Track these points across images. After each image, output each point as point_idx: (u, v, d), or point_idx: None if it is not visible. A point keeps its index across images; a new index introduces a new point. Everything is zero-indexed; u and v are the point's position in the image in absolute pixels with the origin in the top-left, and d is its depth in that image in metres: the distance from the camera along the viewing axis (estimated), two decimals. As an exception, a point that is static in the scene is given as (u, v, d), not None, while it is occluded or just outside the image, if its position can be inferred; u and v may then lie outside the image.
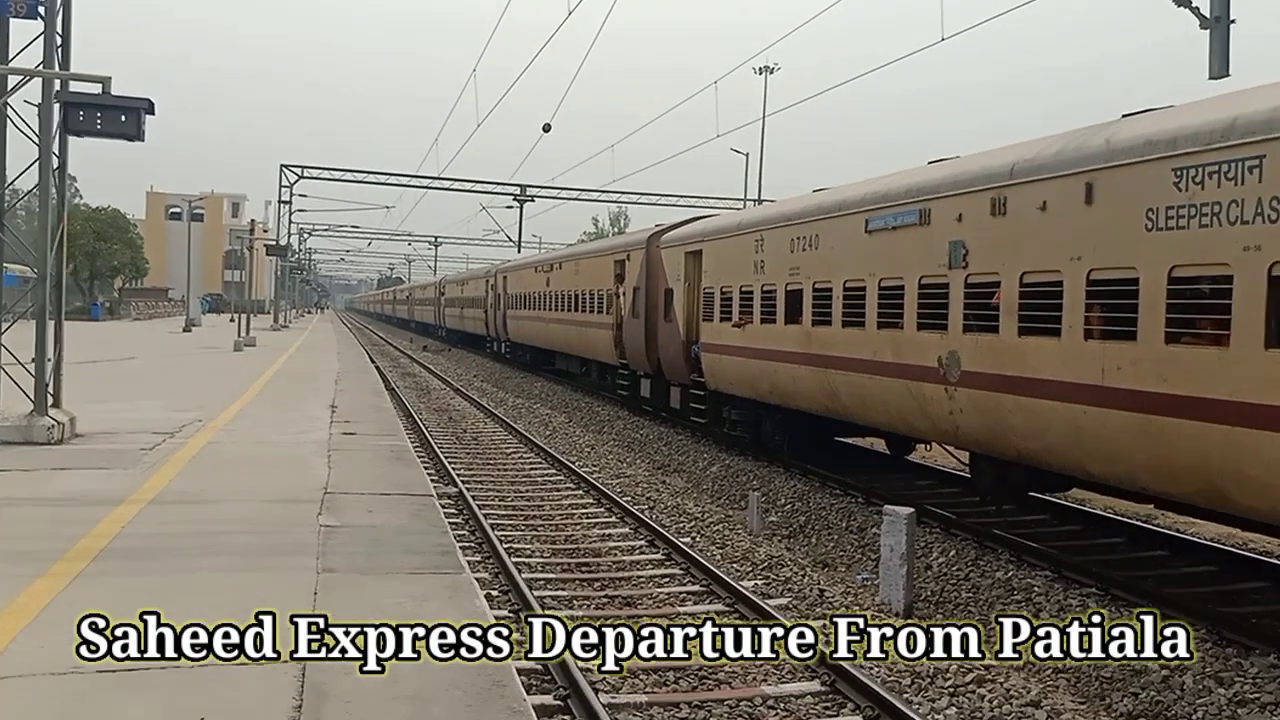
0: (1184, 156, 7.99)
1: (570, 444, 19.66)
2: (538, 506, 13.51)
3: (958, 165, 11.41)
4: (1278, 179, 7.19)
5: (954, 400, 10.86)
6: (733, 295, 16.80)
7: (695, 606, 9.12)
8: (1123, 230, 8.60)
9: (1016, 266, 9.96)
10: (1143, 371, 8.33)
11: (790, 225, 14.93)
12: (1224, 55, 13.48)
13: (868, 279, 12.57)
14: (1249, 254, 7.37)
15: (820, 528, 12.80)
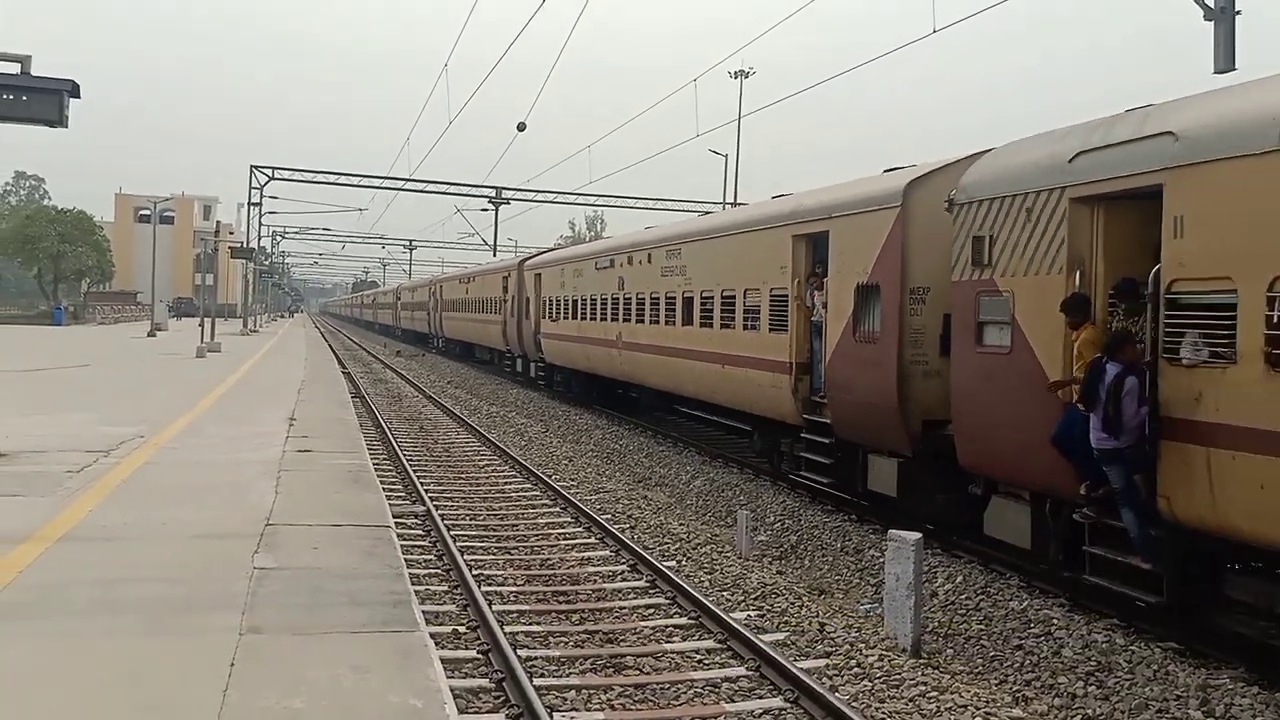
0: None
1: (547, 455, 18.74)
2: (512, 526, 12.63)
3: (641, 235, 22.61)
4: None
5: (620, 356, 21.66)
6: (554, 301, 27.89)
7: (684, 643, 8.25)
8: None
9: (644, 289, 20.46)
10: (674, 338, 18.77)
11: (572, 263, 26.86)
12: (1229, 48, 13.10)
13: (595, 295, 23.94)
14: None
15: (814, 548, 11.98)
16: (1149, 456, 7.95)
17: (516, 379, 33.31)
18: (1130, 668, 7.71)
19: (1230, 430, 7.20)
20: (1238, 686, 7.17)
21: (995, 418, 9.77)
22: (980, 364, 10.02)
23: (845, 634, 8.56)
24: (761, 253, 14.98)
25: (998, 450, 9.84)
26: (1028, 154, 9.70)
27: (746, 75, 50.75)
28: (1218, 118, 7.61)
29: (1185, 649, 7.86)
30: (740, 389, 15.76)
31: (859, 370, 12.31)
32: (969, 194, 10.20)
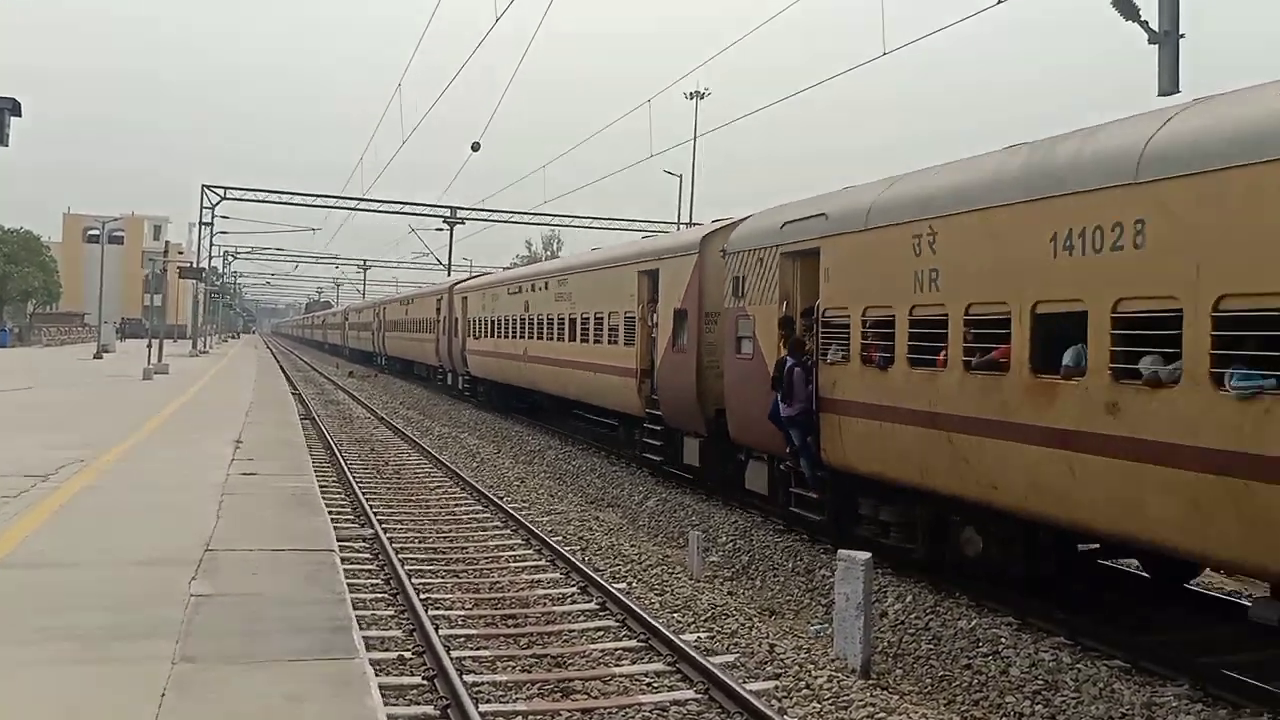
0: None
1: (499, 477, 18.60)
2: (462, 549, 12.45)
3: (541, 267, 28.80)
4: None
5: (526, 368, 25.54)
6: (478, 321, 31.70)
7: (634, 666, 8.11)
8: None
9: (543, 311, 24.42)
10: (563, 351, 22.20)
11: (491, 289, 30.92)
12: (1174, 71, 13.26)
13: (508, 316, 27.88)
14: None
15: (765, 568, 11.97)
16: (815, 423, 11.56)
17: (469, 400, 33.84)
18: (1077, 686, 7.70)
19: (849, 404, 11.07)
20: (1181, 704, 7.19)
21: (747, 405, 13.30)
22: (739, 367, 13.67)
23: (795, 655, 8.47)
24: (618, 284, 19.09)
25: (749, 428, 13.39)
26: (762, 221, 13.76)
27: (701, 96, 50.82)
28: (841, 206, 11.62)
29: (1131, 666, 7.92)
30: (607, 391, 19.68)
31: (675, 373, 16.16)
32: (733, 246, 14.17)
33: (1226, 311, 6.79)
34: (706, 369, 15.08)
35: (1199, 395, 6.91)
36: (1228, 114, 7.27)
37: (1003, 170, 9.26)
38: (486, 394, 31.67)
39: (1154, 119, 7.89)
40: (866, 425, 10.72)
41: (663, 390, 16.73)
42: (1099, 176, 7.94)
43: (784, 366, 11.86)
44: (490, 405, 30.85)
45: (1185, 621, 9.10)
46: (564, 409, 25.26)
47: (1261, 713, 6.73)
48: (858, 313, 10.93)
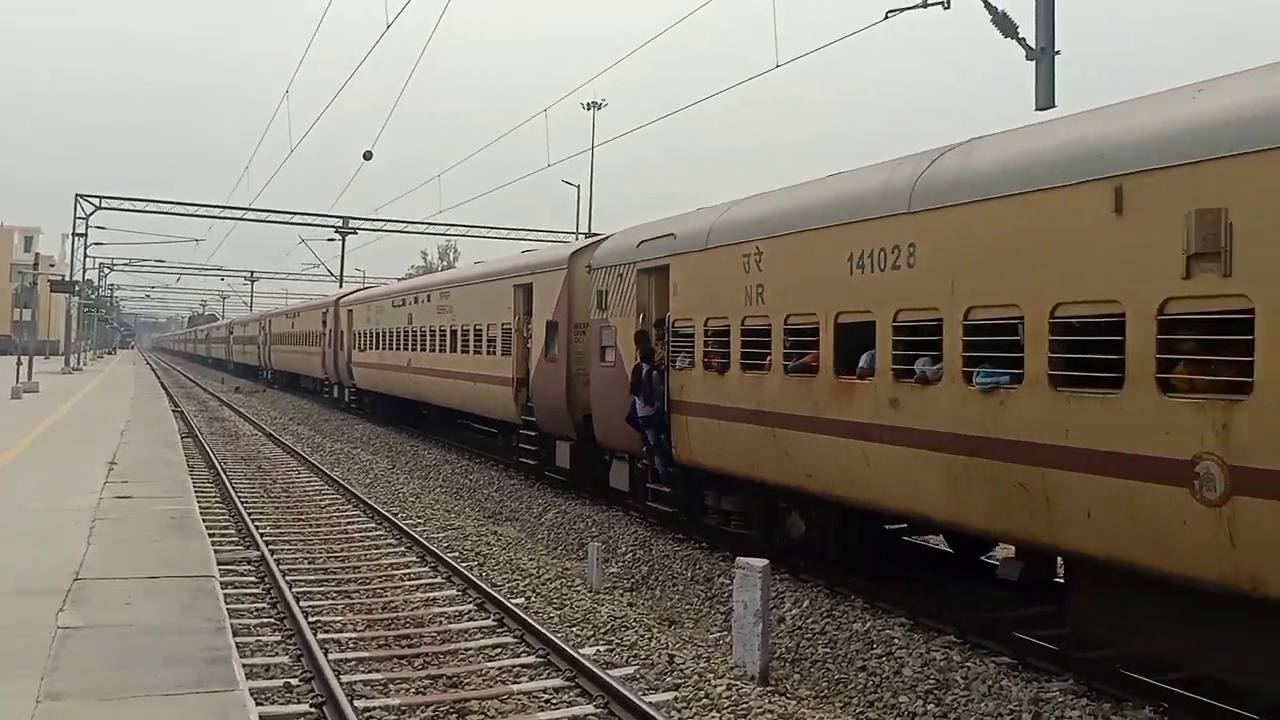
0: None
1: (393, 493, 18.37)
2: (354, 569, 12.20)
3: (424, 280, 31.16)
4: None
5: (411, 379, 26.34)
6: (363, 334, 32.15)
7: (532, 683, 8.05)
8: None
9: (426, 324, 25.16)
10: (446, 362, 23.11)
11: (376, 301, 31.64)
12: (1049, 86, 13.83)
13: (393, 328, 28.59)
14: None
15: (664, 578, 12.07)
16: (667, 423, 12.58)
17: (360, 414, 33.58)
18: (966, 684, 7.86)
19: (694, 406, 12.12)
20: (1067, 699, 7.36)
21: (610, 409, 14.23)
22: (603, 374, 14.61)
23: (695, 664, 8.52)
24: (496, 297, 20.00)
25: (612, 431, 14.34)
26: (621, 240, 14.87)
27: (599, 107, 50.56)
28: (687, 227, 12.72)
29: (1018, 663, 8.12)
30: (486, 400, 20.55)
31: (548, 382, 17.05)
32: (597, 263, 15.22)
33: (974, 320, 8.01)
34: (575, 377, 16.03)
35: (955, 390, 8.12)
36: (976, 157, 8.49)
37: (814, 198, 10.44)
38: (372, 406, 32.05)
39: (926, 158, 9.07)
40: (709, 424, 11.82)
41: (537, 398, 17.69)
42: (883, 206, 9.12)
43: (641, 372, 12.87)
44: (379, 418, 31.01)
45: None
46: (449, 419, 25.94)
47: (1143, 705, 7.03)
48: (700, 323, 12.02)
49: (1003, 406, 7.71)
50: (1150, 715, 6.89)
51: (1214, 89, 6.79)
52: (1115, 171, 6.93)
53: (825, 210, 10.04)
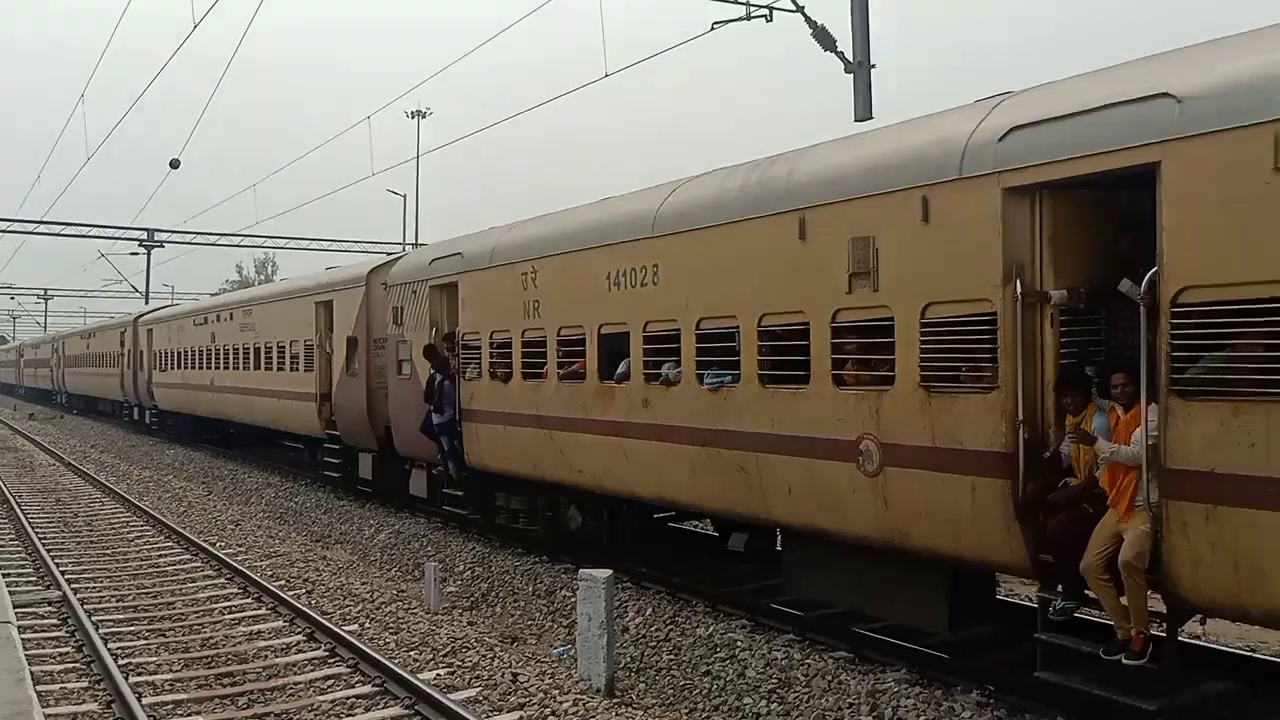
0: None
1: (210, 521, 17.63)
2: (168, 605, 11.50)
3: (227, 297, 31.11)
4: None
5: (215, 398, 26.53)
6: (165, 354, 31.94)
7: (367, 714, 7.76)
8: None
9: (229, 342, 25.19)
10: (250, 380, 23.12)
11: (178, 320, 31.17)
12: (867, 98, 14.58)
13: (195, 347, 28.43)
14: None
15: (505, 594, 11.87)
16: (459, 430, 13.41)
17: (176, 440, 32.11)
18: (807, 681, 8.00)
19: (483, 413, 13.11)
20: (901, 689, 7.57)
21: (408, 420, 14.91)
22: (401, 387, 15.45)
23: (539, 681, 8.37)
24: (298, 314, 20.44)
25: (410, 440, 15.02)
26: (415, 259, 16.07)
27: (424, 115, 49.59)
28: (473, 247, 13.69)
29: (855, 656, 8.36)
30: (291, 416, 20.93)
31: (349, 396, 17.82)
32: (393, 280, 16.04)
33: (704, 330, 9.36)
34: (376, 390, 16.74)
35: (691, 390, 9.45)
36: (701, 189, 9.87)
37: (579, 222, 11.60)
38: (176, 427, 31.86)
39: (668, 188, 10.40)
40: (496, 430, 12.80)
41: (339, 412, 18.32)
42: (634, 231, 10.37)
43: (434, 382, 13.64)
44: (191, 442, 30.52)
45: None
46: (257, 437, 25.87)
47: (971, 689, 7.40)
48: (486, 336, 13.00)
49: (726, 402, 9.06)
50: (977, 698, 7.25)
51: (867, 140, 8.36)
52: (799, 205, 8.35)
53: (588, 234, 11.21)
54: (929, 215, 7.24)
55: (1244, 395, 5.52)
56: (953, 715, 7.08)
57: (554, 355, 11.55)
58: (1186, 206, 5.77)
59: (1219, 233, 5.62)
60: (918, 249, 7.34)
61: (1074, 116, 6.46)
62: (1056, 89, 6.96)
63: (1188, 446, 5.74)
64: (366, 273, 17.62)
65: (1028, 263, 6.73)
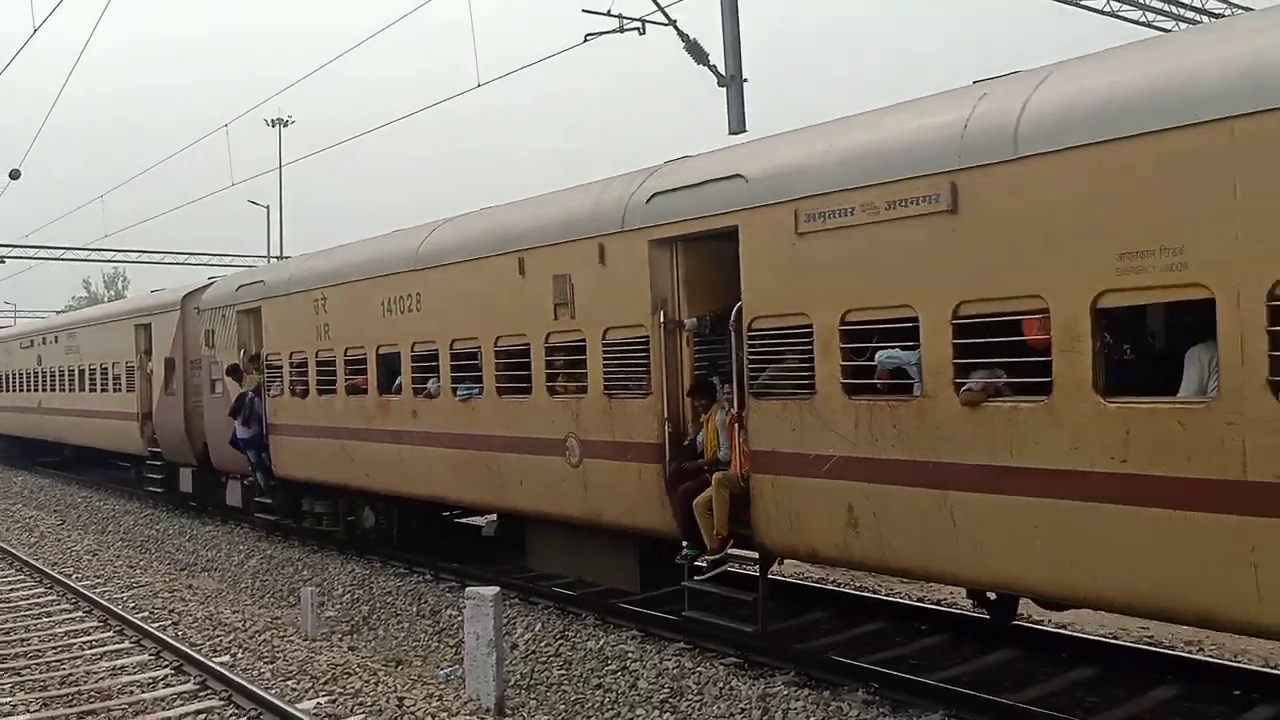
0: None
1: (65, 552, 16.92)
2: (22, 642, 11.00)
3: (51, 322, 31.53)
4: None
5: (44, 420, 27.22)
6: (2, 375, 31.42)
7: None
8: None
9: (55, 364, 26.07)
10: (75, 401, 24.33)
11: (3, 343, 31.55)
12: (740, 111, 14.93)
13: (21, 369, 29.23)
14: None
15: (387, 616, 11.52)
16: (266, 443, 14.83)
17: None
18: (699, 689, 8.02)
19: (286, 426, 14.64)
20: (791, 691, 7.67)
21: (222, 436, 16.05)
22: (215, 405, 16.69)
23: (427, 704, 8.23)
24: (119, 337, 21.51)
25: (224, 454, 16.29)
26: (224, 286, 17.40)
27: (285, 124, 49.14)
28: (274, 275, 15.42)
29: (744, 661, 8.44)
30: (116, 434, 21.95)
31: (168, 414, 18.90)
32: (204, 305, 17.38)
33: (456, 349, 11.06)
34: (193, 409, 17.83)
35: (449, 402, 11.19)
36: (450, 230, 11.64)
37: (360, 255, 13.21)
38: (6, 449, 32.12)
39: (430, 227, 12.12)
40: (298, 441, 14.22)
41: (160, 430, 19.43)
42: (402, 264, 12.00)
43: (245, 399, 14.96)
44: (12, 461, 31.06)
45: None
46: (91, 459, 26.35)
47: (857, 687, 7.63)
48: (287, 356, 14.40)
49: (474, 411, 10.84)
50: (863, 696, 7.49)
51: (565, 196, 10.28)
52: (520, 247, 10.20)
53: (367, 265, 12.80)
54: (605, 259, 9.18)
55: (788, 395, 7.62)
56: (841, 715, 7.27)
57: (342, 373, 13.09)
58: (754, 258, 7.84)
59: (771, 278, 7.71)
60: (599, 285, 9.27)
61: (690, 188, 8.51)
62: (688, 164, 8.99)
63: (760, 433, 7.82)
64: (181, 297, 18.81)
65: (669, 297, 8.74)
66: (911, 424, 6.75)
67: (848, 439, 7.14)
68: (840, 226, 7.16)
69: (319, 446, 13.66)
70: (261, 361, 15.01)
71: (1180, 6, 22.32)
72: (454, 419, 11.13)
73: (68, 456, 27.94)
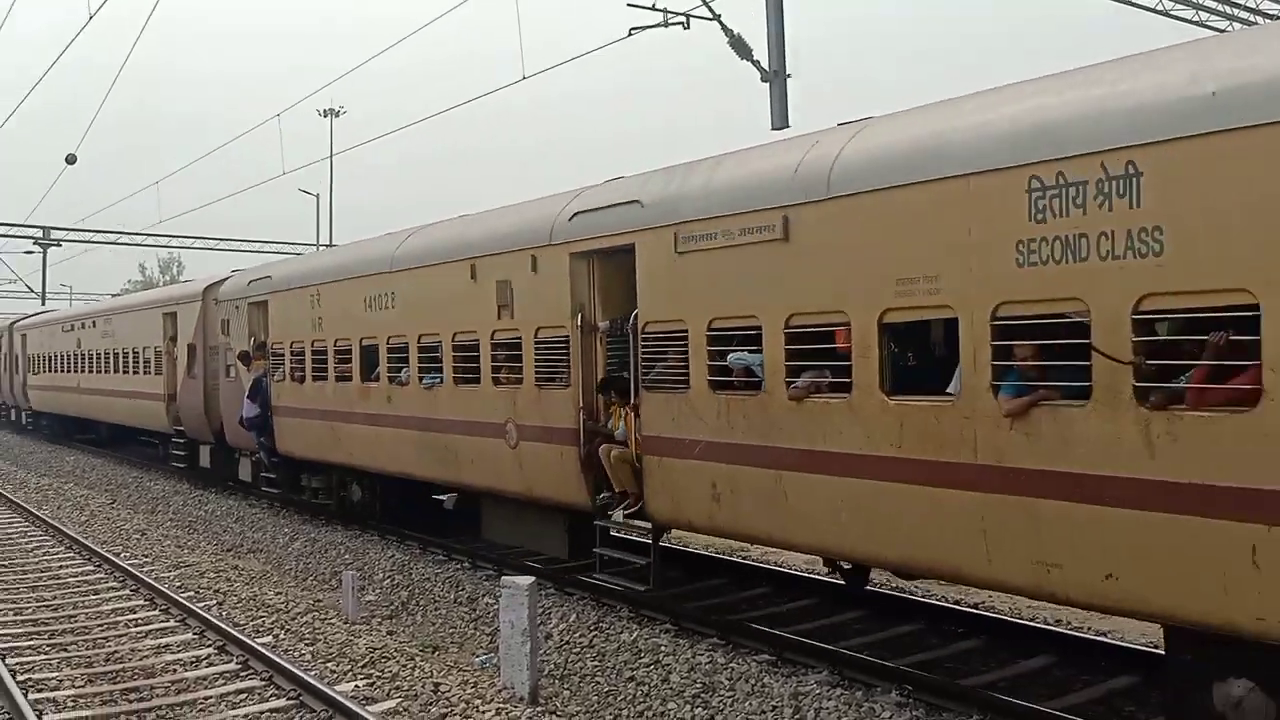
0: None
1: (114, 530, 16.95)
2: (70, 618, 11.11)
3: (90, 308, 34.41)
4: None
5: (82, 399, 29.03)
6: (38, 358, 33.89)
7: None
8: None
9: (93, 348, 27.65)
10: (110, 382, 26.48)
11: (49, 326, 33.18)
12: (783, 107, 14.73)
13: (64, 351, 30.78)
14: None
15: (426, 602, 11.72)
16: (270, 424, 16.43)
17: (78, 447, 31.65)
18: (731, 685, 8.06)
19: (287, 409, 16.15)
20: (824, 690, 7.64)
21: (232, 415, 17.76)
22: (228, 388, 18.42)
23: (461, 691, 8.31)
24: (149, 324, 23.33)
25: (237, 434, 17.96)
26: (238, 280, 18.72)
27: (337, 114, 49.42)
28: (280, 271, 17.17)
29: (777, 658, 8.52)
30: (144, 413, 23.95)
31: (190, 396, 20.70)
32: (221, 297, 19.17)
33: (423, 343, 12.61)
34: (211, 391, 19.44)
35: (415, 389, 12.72)
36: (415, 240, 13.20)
37: (347, 257, 14.89)
38: (50, 427, 34.43)
39: (405, 234, 13.72)
40: (297, 423, 15.86)
41: (183, 410, 21.26)
42: (380, 266, 13.60)
43: (260, 383, 16.65)
44: (53, 438, 33.18)
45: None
46: (121, 435, 28.55)
47: (890, 689, 7.57)
48: (288, 345, 16.04)
49: (436, 398, 12.35)
50: (897, 698, 7.45)
51: (510, 211, 11.71)
52: (472, 255, 11.66)
53: (353, 266, 14.40)
54: (537, 268, 10.61)
55: (670, 389, 9.01)
56: (874, 716, 7.23)
57: (332, 361, 14.69)
58: (646, 272, 9.22)
59: (658, 290, 9.09)
60: (532, 290, 10.71)
61: (602, 209, 9.90)
62: (608, 187, 10.37)
63: (650, 420, 9.22)
64: (202, 289, 20.57)
65: (586, 303, 10.14)
66: (756, 415, 8.11)
67: (712, 427, 8.52)
68: (708, 248, 8.51)
69: (314, 428, 15.32)
70: (267, 350, 16.67)
71: (1233, 6, 22.30)
72: (420, 405, 12.66)
73: (104, 435, 29.98)
